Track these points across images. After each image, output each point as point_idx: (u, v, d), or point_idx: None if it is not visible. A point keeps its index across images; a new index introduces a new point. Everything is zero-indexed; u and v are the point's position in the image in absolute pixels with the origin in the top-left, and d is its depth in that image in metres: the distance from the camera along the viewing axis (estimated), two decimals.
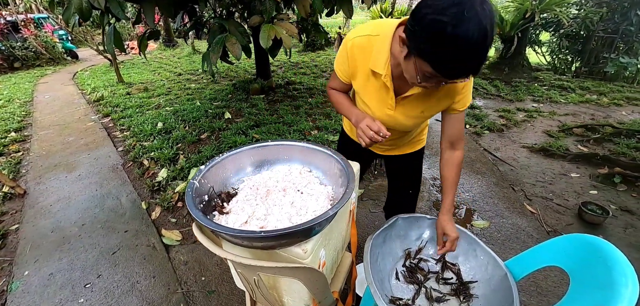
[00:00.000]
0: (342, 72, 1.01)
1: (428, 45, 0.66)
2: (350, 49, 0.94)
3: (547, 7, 5.39)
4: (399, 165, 1.32)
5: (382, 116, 1.00)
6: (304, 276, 0.71)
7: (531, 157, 3.02)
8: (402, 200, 1.41)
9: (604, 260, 0.64)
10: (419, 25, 0.66)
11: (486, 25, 0.60)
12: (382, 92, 0.95)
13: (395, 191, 1.45)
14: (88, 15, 1.88)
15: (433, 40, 0.64)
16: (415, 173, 1.36)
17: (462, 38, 0.60)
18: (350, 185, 0.76)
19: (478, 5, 0.59)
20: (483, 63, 0.66)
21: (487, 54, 0.64)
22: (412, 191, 1.39)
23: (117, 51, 2.53)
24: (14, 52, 8.11)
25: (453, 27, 0.60)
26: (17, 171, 3.00)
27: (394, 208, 1.45)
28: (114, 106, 4.66)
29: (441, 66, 0.67)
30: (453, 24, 0.60)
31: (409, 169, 1.33)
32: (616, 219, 2.12)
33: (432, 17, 0.62)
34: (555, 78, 5.79)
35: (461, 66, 0.66)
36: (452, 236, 1.02)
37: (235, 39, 2.35)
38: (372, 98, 0.99)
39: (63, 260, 1.92)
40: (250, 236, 0.60)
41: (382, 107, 0.98)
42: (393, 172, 1.39)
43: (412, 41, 0.70)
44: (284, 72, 6.71)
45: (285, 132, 3.41)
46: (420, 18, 0.66)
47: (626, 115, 4.00)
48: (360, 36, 0.91)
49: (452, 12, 0.60)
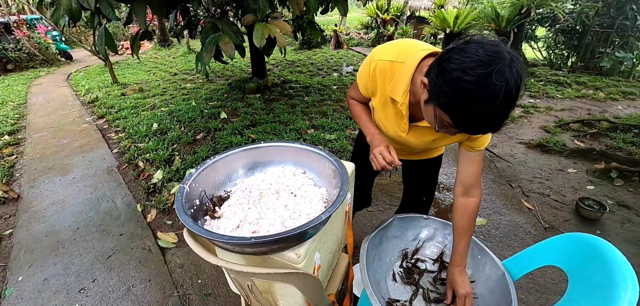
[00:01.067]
0: (364, 87, 1.00)
1: (450, 101, 0.64)
2: (373, 70, 0.92)
3: (543, 3, 5.39)
4: (416, 170, 1.31)
5: (395, 135, 1.00)
6: (298, 281, 0.69)
7: (528, 153, 3.02)
8: (416, 206, 1.39)
9: (603, 260, 0.63)
10: (442, 79, 0.64)
11: (512, 89, 0.57)
12: (398, 117, 0.94)
13: (411, 196, 1.43)
14: (78, 16, 1.85)
15: (456, 98, 0.62)
16: (432, 180, 1.34)
17: (486, 100, 0.58)
18: (344, 187, 0.74)
19: (507, 67, 0.57)
20: (504, 122, 0.64)
21: (509, 115, 0.62)
22: (426, 198, 1.37)
23: (110, 52, 2.49)
24: (6, 53, 8.01)
25: (478, 89, 0.58)
26: (11, 175, 2.96)
27: (407, 212, 1.45)
28: (109, 107, 4.62)
29: (461, 122, 0.65)
30: (478, 84, 0.57)
31: (425, 174, 1.32)
32: (613, 215, 2.12)
33: (458, 75, 0.60)
34: (551, 73, 5.80)
35: (482, 124, 0.64)
36: (461, 292, 0.91)
37: (229, 38, 2.32)
38: (386, 119, 0.99)
39: (57, 265, 1.90)
40: (241, 242, 0.58)
41: (396, 129, 0.98)
42: (410, 176, 1.38)
43: (434, 92, 0.68)
44: (280, 70, 6.67)
45: (282, 131, 3.38)
46: (445, 71, 0.63)
47: (622, 109, 4.01)
48: (385, 60, 0.89)
49: (478, 73, 0.57)
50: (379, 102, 0.98)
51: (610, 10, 5.28)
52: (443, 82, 0.63)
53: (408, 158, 1.26)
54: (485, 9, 6.52)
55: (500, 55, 0.58)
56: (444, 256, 1.10)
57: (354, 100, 1.12)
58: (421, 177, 1.33)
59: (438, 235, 1.15)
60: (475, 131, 0.67)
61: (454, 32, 7.45)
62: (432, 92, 0.69)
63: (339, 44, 9.38)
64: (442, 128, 0.73)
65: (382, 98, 0.95)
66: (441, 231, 1.14)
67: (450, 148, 3.13)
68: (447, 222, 1.13)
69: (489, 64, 0.57)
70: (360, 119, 1.08)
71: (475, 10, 7.21)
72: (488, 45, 0.60)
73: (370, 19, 11.42)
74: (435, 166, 1.30)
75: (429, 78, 0.69)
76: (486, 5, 6.55)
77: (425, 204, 1.38)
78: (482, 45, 0.60)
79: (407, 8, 10.45)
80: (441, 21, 7.58)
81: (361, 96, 1.05)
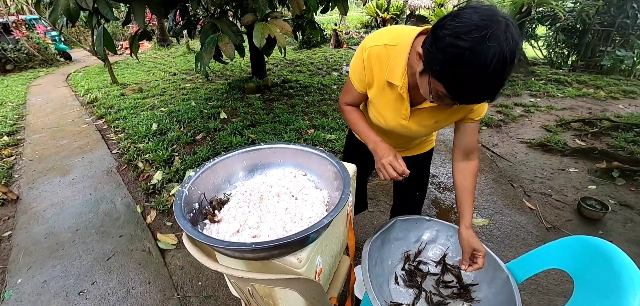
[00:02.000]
0: (359, 82, 0.96)
1: (444, 68, 0.62)
2: (366, 58, 0.89)
3: (543, 1, 5.37)
4: (409, 167, 1.30)
5: (396, 125, 0.97)
6: (299, 287, 0.68)
7: (529, 152, 3.01)
8: (409, 203, 1.38)
9: (611, 265, 0.62)
10: (436, 46, 0.62)
11: (506, 54, 0.55)
12: (398, 102, 0.92)
13: (402, 194, 1.42)
14: (76, 16, 1.83)
15: (449, 64, 0.60)
16: (423, 175, 1.33)
17: (479, 66, 0.56)
18: (346, 190, 0.73)
19: (501, 32, 0.55)
20: (500, 90, 0.62)
21: (504, 82, 0.60)
22: (419, 193, 1.36)
23: (109, 52, 2.48)
24: (5, 54, 7.99)
25: (471, 53, 0.56)
26: (10, 176, 2.95)
27: (401, 211, 1.43)
28: (108, 108, 4.60)
29: (455, 90, 0.64)
30: (471, 49, 0.56)
31: (416, 171, 1.30)
32: (615, 214, 2.11)
33: (450, 41, 0.59)
34: (552, 72, 5.79)
35: (476, 92, 0.63)
36: (483, 251, 0.93)
37: (228, 38, 2.31)
38: (386, 108, 0.96)
39: (57, 267, 1.88)
40: (241, 248, 0.57)
41: (396, 117, 0.95)
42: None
43: (428, 60, 0.66)
44: (279, 70, 6.65)
45: (282, 131, 3.37)
46: (439, 38, 0.62)
47: (623, 108, 3.99)
48: (377, 45, 0.87)
49: (472, 37, 0.56)
50: (376, 92, 0.95)
51: (610, 9, 5.26)
52: (436, 50, 0.62)
53: (401, 154, 1.25)
54: None
55: (495, 19, 0.56)
56: (446, 258, 1.09)
57: (348, 106, 1.06)
58: (413, 174, 1.32)
59: (440, 237, 1.13)
60: (470, 100, 0.66)
61: None
62: (426, 62, 0.68)
63: (338, 44, 9.36)
64: (438, 99, 0.72)
65: (380, 85, 0.92)
66: (444, 233, 1.13)
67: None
68: (449, 224, 1.12)
69: (482, 28, 0.55)
70: (358, 126, 1.03)
71: None
72: (483, 10, 0.58)
73: (370, 18, 11.40)
74: (426, 161, 1.29)
75: (424, 48, 0.68)
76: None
77: (418, 199, 1.37)
78: (477, 10, 0.58)
79: (407, 7, 10.43)
80: None
81: (356, 95, 1.01)
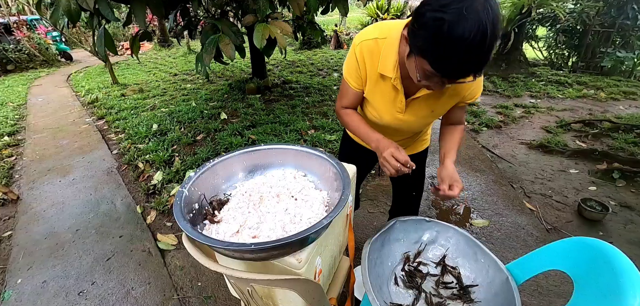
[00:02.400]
0: (355, 79, 0.96)
1: (427, 43, 0.64)
2: (359, 53, 0.90)
3: (544, 2, 5.37)
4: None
5: (392, 120, 0.98)
6: (299, 288, 0.68)
7: (530, 153, 3.01)
8: (406, 203, 1.39)
9: (611, 267, 0.62)
10: (418, 23, 0.65)
11: (486, 25, 0.57)
12: (392, 95, 0.93)
13: (400, 194, 1.43)
14: (77, 17, 1.84)
15: (431, 39, 0.62)
16: (419, 175, 1.33)
17: (459, 37, 0.57)
18: (346, 191, 0.73)
19: (480, 4, 0.57)
20: (484, 63, 0.63)
21: (488, 55, 0.61)
22: (416, 193, 1.37)
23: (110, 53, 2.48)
24: (6, 54, 8.01)
25: (450, 26, 0.57)
26: (10, 177, 2.95)
27: (399, 212, 1.43)
28: (109, 108, 4.61)
29: (439, 65, 0.65)
30: (451, 21, 0.57)
31: (413, 171, 1.31)
32: (616, 216, 2.11)
33: (431, 14, 0.61)
34: (552, 73, 5.79)
35: (459, 66, 0.64)
36: (461, 185, 0.93)
37: (229, 39, 2.31)
38: (381, 102, 0.97)
39: (57, 267, 1.89)
40: (241, 248, 0.57)
41: (392, 111, 0.96)
42: (397, 177, 1.37)
43: (413, 39, 0.68)
44: (280, 70, 6.66)
45: (282, 132, 3.37)
46: (420, 15, 0.64)
47: (624, 109, 3.99)
48: (368, 40, 0.88)
49: (451, 9, 0.58)
50: (370, 87, 0.96)
51: (611, 10, 5.26)
52: (418, 27, 0.65)
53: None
54: None
55: None
56: (446, 259, 1.09)
57: (346, 109, 1.05)
58: (410, 174, 1.32)
59: (440, 238, 1.13)
60: (455, 74, 0.67)
61: None
62: (410, 42, 0.70)
63: (339, 44, 9.36)
64: (425, 79, 0.73)
65: (373, 79, 0.94)
66: (443, 234, 1.13)
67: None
68: (449, 225, 1.11)
69: (461, 0, 0.57)
70: (359, 128, 1.01)
71: None
72: None
73: (370, 19, 11.39)
74: (421, 161, 1.30)
75: (408, 29, 0.70)
76: None
77: (415, 199, 1.38)
78: None
79: (408, 8, 10.44)
80: None
81: (353, 95, 1.00)
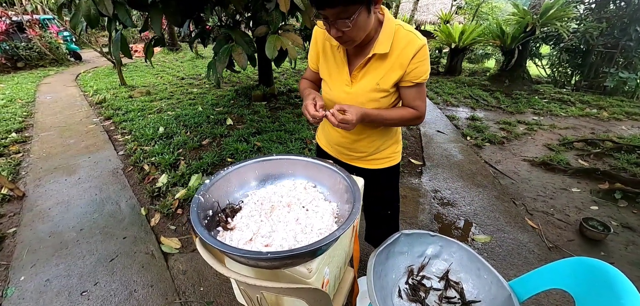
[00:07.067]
0: (311, 58, 1.12)
1: None
2: (315, 32, 1.07)
3: (548, 21, 5.45)
4: (373, 185, 1.24)
5: (341, 93, 1.04)
6: (308, 297, 0.70)
7: (532, 170, 3.02)
8: (381, 224, 1.37)
9: (612, 288, 0.64)
10: None
11: None
12: (340, 67, 1.02)
13: (373, 215, 1.40)
14: (96, 22, 1.89)
15: None
16: (391, 193, 1.31)
17: None
18: (357, 204, 0.75)
19: None
20: None
21: None
22: (391, 211, 1.34)
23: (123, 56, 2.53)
24: (18, 52, 8.15)
25: None
26: (17, 173, 2.99)
27: (375, 233, 1.43)
28: (116, 109, 4.66)
29: None
30: None
31: (383, 189, 1.28)
32: (617, 236, 2.11)
33: None
34: (555, 91, 5.83)
35: None
36: (348, 118, 0.89)
37: (242, 49, 2.36)
38: (331, 76, 1.06)
39: (60, 266, 1.90)
40: (257, 257, 0.59)
41: (341, 85, 1.03)
42: (366, 195, 1.28)
43: None
44: (286, 79, 6.74)
45: (287, 140, 3.40)
46: None
47: (626, 130, 4.01)
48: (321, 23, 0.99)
49: None
50: (322, 60, 1.08)
51: (614, 31, 5.33)
52: None
53: (363, 164, 1.20)
54: (491, 26, 6.59)
55: None
56: (449, 273, 1.10)
57: (304, 79, 1.21)
58: (379, 193, 1.28)
59: (444, 253, 1.15)
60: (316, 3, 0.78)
61: (459, 47, 7.51)
62: None
63: None
64: (318, 18, 0.84)
65: (324, 53, 1.06)
66: (447, 249, 1.14)
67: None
68: (453, 240, 1.13)
69: None
70: (304, 92, 1.13)
71: (480, 26, 7.29)
72: None
73: None
74: (389, 179, 1.26)
75: None
76: (492, 21, 6.64)
77: (391, 217, 1.35)
78: None
79: (413, 22, 10.58)
80: (447, 36, 7.65)
81: (311, 73, 1.16)
